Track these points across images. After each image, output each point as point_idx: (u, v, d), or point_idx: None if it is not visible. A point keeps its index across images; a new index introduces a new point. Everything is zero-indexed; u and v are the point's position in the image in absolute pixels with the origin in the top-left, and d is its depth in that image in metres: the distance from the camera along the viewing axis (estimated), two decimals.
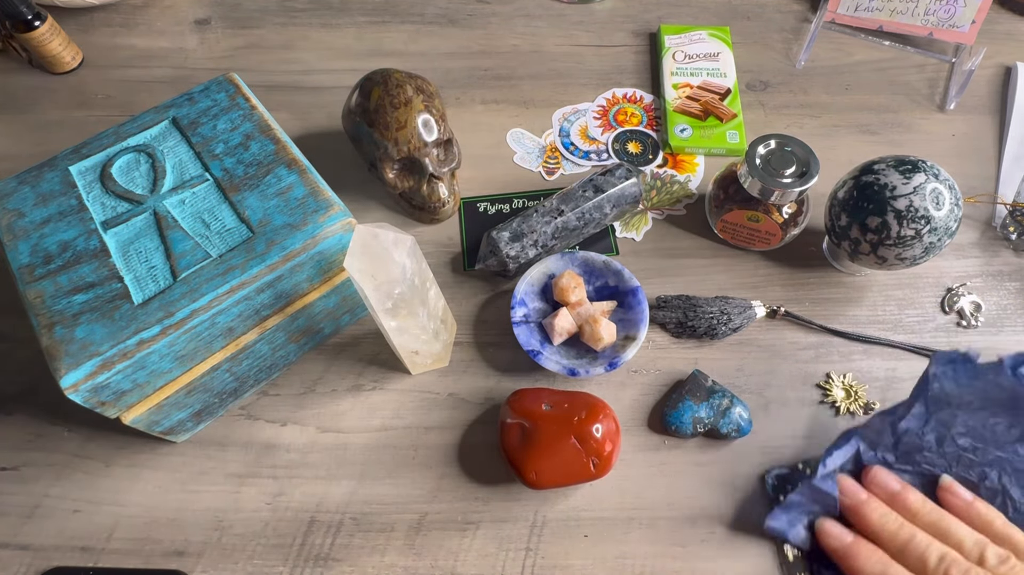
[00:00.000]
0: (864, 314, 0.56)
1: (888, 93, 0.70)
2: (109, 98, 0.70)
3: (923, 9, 0.70)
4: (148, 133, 0.51)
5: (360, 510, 0.48)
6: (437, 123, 0.56)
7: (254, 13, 0.78)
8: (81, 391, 0.39)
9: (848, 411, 0.51)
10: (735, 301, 0.55)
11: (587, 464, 0.45)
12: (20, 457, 0.50)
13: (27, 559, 0.46)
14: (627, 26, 0.77)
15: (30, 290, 0.43)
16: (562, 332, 0.52)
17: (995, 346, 0.54)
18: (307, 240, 0.45)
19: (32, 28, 0.68)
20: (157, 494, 0.48)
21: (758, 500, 0.48)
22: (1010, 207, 0.59)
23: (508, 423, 0.47)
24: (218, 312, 0.43)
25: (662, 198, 0.63)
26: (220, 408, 0.51)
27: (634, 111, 0.69)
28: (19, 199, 0.47)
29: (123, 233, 0.46)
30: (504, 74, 0.72)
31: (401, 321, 0.44)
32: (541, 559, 0.46)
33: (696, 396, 0.50)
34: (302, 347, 0.53)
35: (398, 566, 0.46)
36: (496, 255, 0.54)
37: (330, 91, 0.70)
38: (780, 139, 0.53)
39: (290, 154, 0.49)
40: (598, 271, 0.55)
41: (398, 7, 0.79)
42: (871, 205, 0.49)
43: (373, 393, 0.53)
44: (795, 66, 0.73)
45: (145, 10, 0.78)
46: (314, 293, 0.49)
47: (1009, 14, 0.77)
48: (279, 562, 0.46)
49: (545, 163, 0.65)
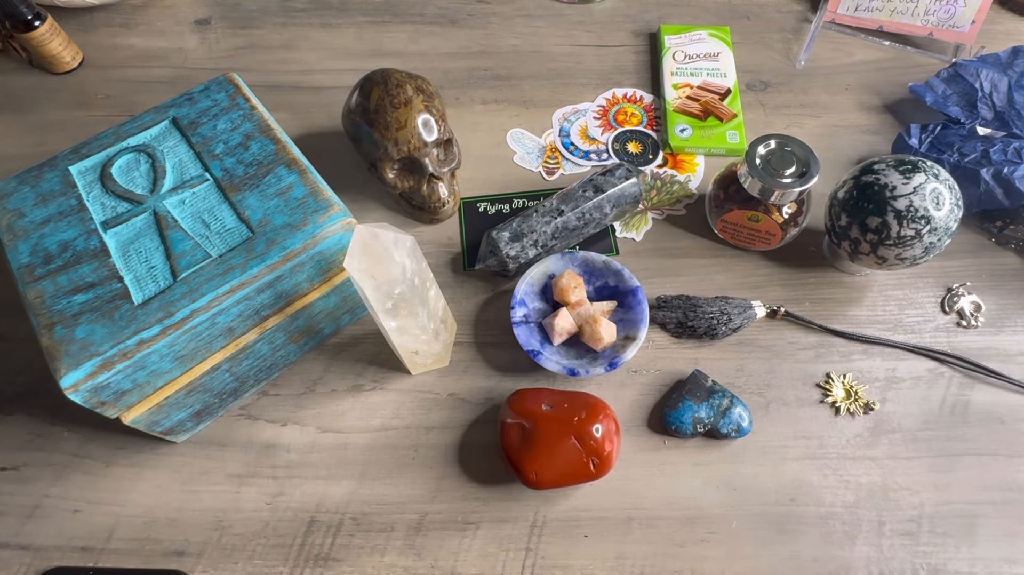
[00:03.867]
0: (864, 314, 0.56)
1: (888, 93, 0.70)
2: (109, 98, 0.70)
3: (923, 9, 0.70)
4: (148, 133, 0.51)
5: (360, 510, 0.48)
6: (437, 123, 0.56)
7: (254, 13, 0.78)
8: (81, 391, 0.39)
9: (848, 411, 0.51)
10: (735, 301, 0.55)
11: (587, 464, 0.45)
12: (20, 457, 0.50)
13: (27, 559, 0.46)
14: (627, 26, 0.77)
15: (30, 290, 0.43)
16: (562, 332, 0.52)
17: (995, 346, 0.54)
18: (307, 240, 0.45)
19: (32, 28, 0.68)
20: (157, 494, 0.48)
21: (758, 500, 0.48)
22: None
23: (508, 423, 0.47)
24: (218, 312, 0.43)
25: (662, 198, 0.63)
26: (220, 408, 0.51)
27: (634, 111, 0.69)
28: (19, 199, 0.47)
29: (123, 233, 0.46)
30: (504, 74, 0.72)
31: (401, 321, 0.44)
32: (541, 559, 0.46)
33: (696, 396, 0.50)
34: (302, 347, 0.53)
35: (398, 566, 0.46)
36: (496, 255, 0.54)
37: (330, 91, 0.70)
38: (780, 139, 0.53)
39: (290, 154, 0.49)
40: (598, 271, 0.55)
41: (398, 7, 0.79)
42: (871, 205, 0.49)
43: (373, 393, 0.53)
44: (795, 66, 0.73)
45: (145, 10, 0.78)
46: (314, 293, 0.49)
47: (1009, 14, 0.77)
48: (279, 562, 0.46)
49: (545, 163, 0.65)
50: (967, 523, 0.47)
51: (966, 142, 0.59)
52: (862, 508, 0.47)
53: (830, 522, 0.47)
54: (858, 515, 0.47)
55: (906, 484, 0.48)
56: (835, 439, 0.50)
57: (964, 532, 0.47)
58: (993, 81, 0.63)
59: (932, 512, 0.47)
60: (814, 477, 0.49)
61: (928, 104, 0.64)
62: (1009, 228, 0.59)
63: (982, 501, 0.48)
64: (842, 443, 0.50)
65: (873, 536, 0.46)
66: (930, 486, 0.48)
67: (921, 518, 0.47)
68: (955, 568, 0.45)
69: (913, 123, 0.63)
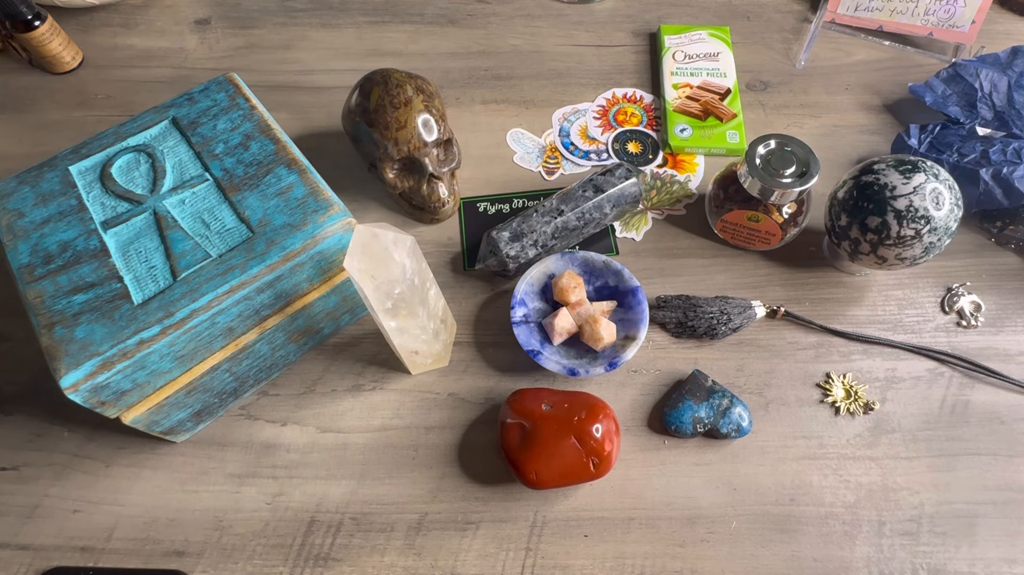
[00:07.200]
0: (864, 314, 0.56)
1: (888, 93, 0.70)
2: (109, 98, 0.70)
3: (923, 9, 0.70)
4: (148, 133, 0.51)
5: (360, 510, 0.48)
6: (437, 123, 0.56)
7: (254, 13, 0.78)
8: (81, 391, 0.39)
9: (848, 411, 0.51)
10: (735, 301, 0.55)
11: (587, 464, 0.45)
12: (20, 457, 0.50)
13: (27, 559, 0.46)
14: (627, 26, 0.77)
15: (30, 290, 0.43)
16: (562, 332, 0.52)
17: (995, 346, 0.54)
18: (307, 240, 0.45)
19: (32, 28, 0.68)
20: (157, 494, 0.48)
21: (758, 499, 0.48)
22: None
23: (508, 423, 0.47)
24: (218, 312, 0.43)
25: (662, 198, 0.63)
26: (220, 408, 0.51)
27: (634, 111, 0.69)
28: (19, 199, 0.47)
29: (123, 233, 0.46)
30: (504, 74, 0.72)
31: (401, 321, 0.44)
32: (541, 559, 0.46)
33: (696, 396, 0.50)
34: (302, 347, 0.53)
35: (398, 566, 0.46)
36: (496, 255, 0.54)
37: (330, 91, 0.70)
38: (780, 139, 0.53)
39: (290, 154, 0.49)
40: (598, 271, 0.55)
41: (398, 7, 0.79)
42: (871, 205, 0.49)
43: (373, 393, 0.53)
44: (795, 66, 0.73)
45: (145, 10, 0.78)
46: (314, 293, 0.49)
47: (1009, 14, 0.77)
48: (279, 562, 0.46)
49: (545, 163, 0.65)
50: (967, 523, 0.47)
51: (966, 142, 0.59)
52: (862, 508, 0.47)
53: (830, 522, 0.47)
54: (858, 515, 0.47)
55: (906, 484, 0.48)
56: (835, 439, 0.50)
57: (964, 532, 0.47)
58: (993, 81, 0.63)
59: (932, 512, 0.47)
60: (814, 477, 0.49)
61: (928, 104, 0.64)
62: (1009, 228, 0.59)
63: (982, 501, 0.48)
64: (842, 443, 0.50)
65: (873, 536, 0.46)
66: (930, 486, 0.48)
67: (921, 518, 0.47)
68: (955, 568, 0.45)
69: (913, 123, 0.63)
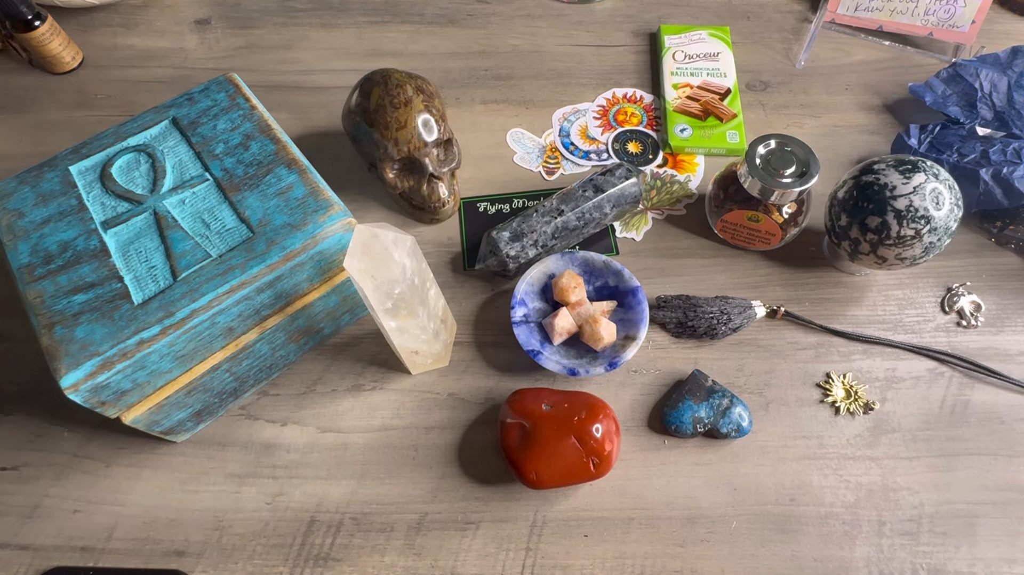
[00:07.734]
0: (864, 314, 0.56)
1: (888, 93, 0.70)
2: (109, 98, 0.70)
3: (923, 9, 0.70)
4: (148, 133, 0.51)
5: (360, 510, 0.48)
6: (437, 123, 0.56)
7: (254, 13, 0.78)
8: (81, 391, 0.39)
9: (848, 411, 0.51)
10: (735, 301, 0.55)
11: (587, 464, 0.45)
12: (20, 457, 0.50)
13: (27, 559, 0.46)
14: (627, 26, 0.77)
15: (30, 290, 0.43)
16: (562, 332, 0.52)
17: (995, 346, 0.54)
18: (307, 240, 0.45)
19: (32, 28, 0.68)
20: (157, 494, 0.48)
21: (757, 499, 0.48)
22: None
23: (508, 423, 0.47)
24: (218, 312, 0.43)
25: (662, 198, 0.63)
26: (220, 408, 0.51)
27: (634, 111, 0.69)
28: (19, 199, 0.47)
29: (123, 233, 0.46)
30: (504, 74, 0.72)
31: (401, 321, 0.44)
32: (541, 559, 0.46)
33: (696, 396, 0.50)
34: (302, 347, 0.53)
35: (398, 566, 0.46)
36: (496, 255, 0.54)
37: (330, 91, 0.70)
38: (780, 139, 0.53)
39: (290, 154, 0.49)
40: (598, 271, 0.55)
41: (398, 7, 0.79)
42: (871, 205, 0.49)
43: (373, 393, 0.53)
44: (795, 66, 0.73)
45: (145, 10, 0.78)
46: (314, 293, 0.49)
47: (1009, 14, 0.77)
48: (279, 562, 0.46)
49: (545, 163, 0.65)
50: (967, 523, 0.47)
51: (965, 142, 0.59)
52: (862, 508, 0.47)
53: (830, 522, 0.47)
54: (858, 515, 0.47)
55: (906, 484, 0.48)
56: (835, 439, 0.50)
57: (964, 532, 0.47)
58: (993, 81, 0.63)
59: (932, 512, 0.47)
60: (814, 477, 0.49)
61: (928, 104, 0.64)
62: (1009, 228, 0.59)
63: (982, 501, 0.48)
64: (842, 443, 0.50)
65: (873, 536, 0.46)
66: (930, 486, 0.48)
67: (921, 518, 0.47)
68: (955, 568, 0.45)
69: (913, 123, 0.63)
